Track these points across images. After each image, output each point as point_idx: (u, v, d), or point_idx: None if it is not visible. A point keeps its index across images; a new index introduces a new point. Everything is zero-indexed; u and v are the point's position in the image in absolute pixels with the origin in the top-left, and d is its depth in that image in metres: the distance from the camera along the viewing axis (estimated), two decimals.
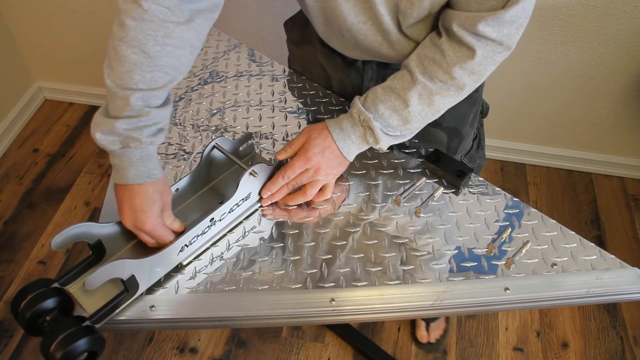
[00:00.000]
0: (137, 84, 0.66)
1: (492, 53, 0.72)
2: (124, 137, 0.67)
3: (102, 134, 0.67)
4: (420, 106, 0.76)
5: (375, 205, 0.81)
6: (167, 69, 0.68)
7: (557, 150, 1.83)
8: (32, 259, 1.60)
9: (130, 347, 1.43)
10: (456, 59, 0.72)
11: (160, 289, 0.71)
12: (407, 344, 1.45)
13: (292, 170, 0.78)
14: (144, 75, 0.66)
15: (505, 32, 0.69)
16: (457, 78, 0.73)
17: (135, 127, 0.67)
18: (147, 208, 0.68)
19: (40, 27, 1.83)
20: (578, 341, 1.46)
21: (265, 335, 1.45)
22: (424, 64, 0.74)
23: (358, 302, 0.71)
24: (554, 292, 0.71)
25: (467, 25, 0.69)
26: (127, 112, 0.66)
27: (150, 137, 0.68)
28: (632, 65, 1.52)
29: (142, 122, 0.67)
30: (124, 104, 0.66)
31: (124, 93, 0.66)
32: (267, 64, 1.07)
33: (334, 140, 0.78)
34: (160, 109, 0.69)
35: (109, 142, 0.68)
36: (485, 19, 0.67)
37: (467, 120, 0.98)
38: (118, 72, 0.66)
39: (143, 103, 0.67)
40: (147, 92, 0.67)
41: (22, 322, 0.62)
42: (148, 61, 0.66)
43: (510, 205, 0.82)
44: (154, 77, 0.67)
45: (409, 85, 0.75)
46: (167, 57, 0.67)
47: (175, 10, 0.66)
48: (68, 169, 1.86)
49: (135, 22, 0.65)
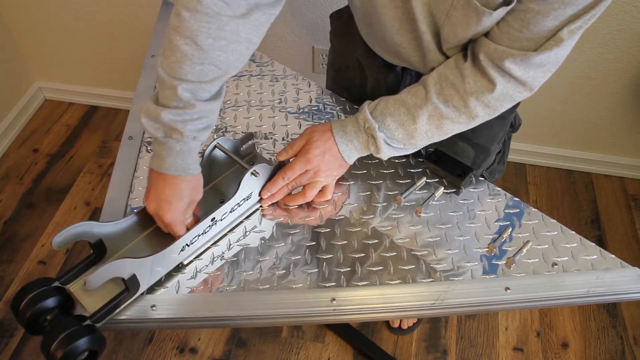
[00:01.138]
0: (186, 75, 0.65)
1: (512, 91, 0.70)
2: (167, 127, 0.67)
3: (148, 120, 0.67)
4: (428, 126, 0.74)
5: (376, 205, 0.81)
6: (219, 63, 0.67)
7: (557, 150, 1.83)
8: (32, 259, 1.60)
9: (130, 347, 1.43)
10: (475, 89, 0.71)
11: (161, 289, 0.71)
12: (407, 344, 1.45)
13: (292, 171, 0.78)
14: (194, 67, 0.65)
15: (531, 74, 0.68)
16: (471, 108, 0.72)
17: (180, 119, 0.66)
18: (173, 201, 0.69)
19: (40, 27, 1.83)
20: (578, 341, 1.46)
21: (265, 335, 1.45)
22: (442, 85, 0.73)
23: (359, 302, 0.71)
24: (555, 292, 0.71)
25: (495, 58, 0.67)
26: (174, 102, 0.66)
27: (194, 132, 0.68)
28: (632, 65, 1.52)
29: (187, 115, 0.66)
30: (171, 93, 0.66)
31: (172, 82, 0.65)
32: (267, 64, 1.07)
33: (336, 143, 0.78)
34: (207, 103, 0.68)
35: (154, 128, 0.67)
36: (514, 57, 0.66)
37: (497, 139, 0.96)
38: (169, 62, 0.66)
39: (190, 95, 0.66)
40: (195, 84, 0.66)
41: (23, 321, 0.62)
42: (199, 53, 0.65)
43: (511, 205, 0.82)
44: (203, 70, 0.66)
45: (422, 103, 0.74)
46: (220, 51, 0.66)
47: (231, 4, 0.64)
48: (68, 169, 1.86)
49: (189, 12, 0.63)
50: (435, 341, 1.46)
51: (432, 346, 1.44)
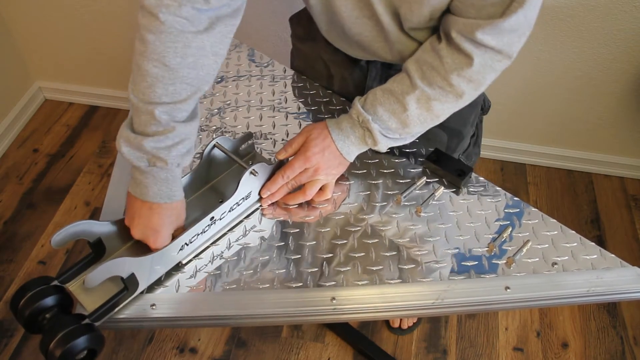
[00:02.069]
0: (160, 97, 0.65)
1: (491, 61, 0.71)
2: (151, 156, 0.66)
3: (129, 149, 0.66)
4: (419, 111, 0.75)
5: (375, 205, 0.81)
6: (190, 80, 0.67)
7: (557, 150, 1.83)
8: (32, 259, 1.60)
9: (130, 347, 1.43)
10: (454, 66, 0.71)
11: (161, 288, 0.71)
12: (407, 344, 1.45)
13: (292, 170, 0.78)
14: (167, 88, 0.65)
15: (505, 41, 0.68)
16: (455, 85, 0.73)
17: (163, 145, 0.66)
18: (161, 229, 0.68)
19: (40, 27, 1.83)
20: (578, 341, 1.46)
21: (265, 335, 1.45)
22: (423, 69, 0.74)
23: (359, 301, 0.70)
24: (555, 291, 0.71)
25: (466, 32, 0.68)
26: (154, 126, 0.65)
27: (178, 157, 0.67)
28: (632, 65, 1.52)
29: (169, 140, 0.66)
30: (149, 118, 0.65)
31: (147, 107, 0.65)
32: (267, 64, 1.07)
33: (334, 140, 0.78)
34: (186, 124, 0.67)
35: (136, 157, 0.66)
36: (483, 27, 0.66)
37: (468, 122, 0.98)
38: (141, 87, 0.65)
39: (168, 117, 0.66)
40: (171, 105, 0.66)
41: (22, 319, 0.62)
42: (169, 73, 0.65)
43: (511, 205, 0.82)
44: (176, 89, 0.66)
45: (408, 89, 0.75)
46: (189, 68, 0.66)
47: (193, 20, 0.65)
48: (68, 169, 1.86)
49: (154, 35, 0.64)
50: (435, 341, 1.45)
51: (432, 346, 1.44)
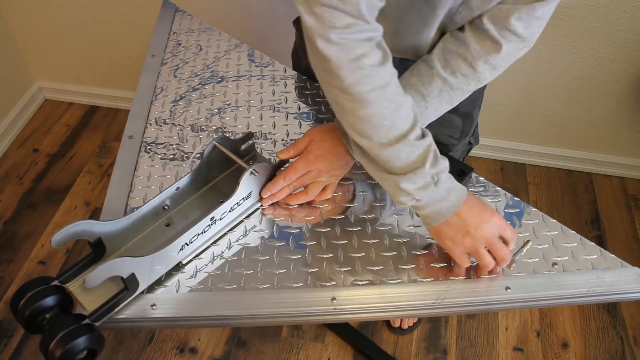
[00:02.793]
0: (404, 123, 0.65)
1: (516, 49, 0.72)
2: (431, 177, 0.66)
3: (420, 191, 0.66)
4: (439, 103, 0.75)
5: (376, 205, 0.81)
6: (401, 100, 0.66)
7: (557, 150, 1.83)
8: (32, 259, 1.60)
9: (130, 347, 1.43)
10: (481, 53, 0.72)
11: (161, 288, 0.71)
12: (407, 344, 1.45)
13: (295, 172, 0.78)
14: (399, 116, 0.65)
15: (532, 31, 0.70)
16: (479, 72, 0.73)
17: (431, 159, 0.66)
18: (493, 212, 0.69)
19: (40, 27, 1.83)
20: (578, 341, 1.46)
21: (265, 335, 1.45)
22: (446, 58, 0.74)
23: (359, 301, 0.70)
24: (555, 291, 0.71)
25: (500, 18, 0.68)
26: (429, 155, 0.66)
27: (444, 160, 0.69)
28: (632, 65, 1.52)
29: (430, 154, 0.66)
30: (424, 151, 0.66)
31: (406, 143, 0.65)
32: (267, 64, 1.07)
33: (342, 143, 0.77)
34: (426, 139, 0.68)
35: (423, 187, 0.66)
36: (520, 11, 0.67)
37: (476, 104, 0.98)
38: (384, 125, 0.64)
39: (414, 137, 0.66)
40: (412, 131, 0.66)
41: (22, 319, 0.62)
42: (393, 106, 0.65)
43: (511, 205, 0.82)
44: (406, 114, 0.66)
45: (429, 80, 0.74)
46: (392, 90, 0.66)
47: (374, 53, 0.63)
48: (68, 169, 1.86)
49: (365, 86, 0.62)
50: (435, 341, 1.46)
51: (432, 346, 1.44)
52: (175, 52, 1.09)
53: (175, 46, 1.11)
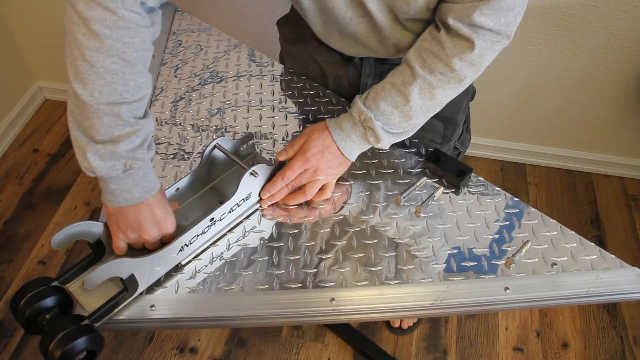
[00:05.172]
0: (121, 94, 0.62)
1: (491, 43, 0.72)
2: (126, 159, 0.63)
3: (101, 162, 0.62)
4: (422, 100, 0.76)
5: (375, 205, 0.81)
6: (145, 75, 0.65)
7: (557, 150, 1.83)
8: (32, 259, 1.60)
9: (130, 347, 1.43)
10: (455, 51, 0.72)
11: (160, 289, 0.71)
12: (407, 344, 1.45)
13: (292, 171, 0.78)
14: (127, 84, 0.62)
15: (503, 22, 0.69)
16: (457, 70, 0.73)
17: (136, 145, 0.64)
18: (168, 210, 0.69)
19: (40, 27, 1.83)
20: (578, 341, 1.46)
21: (265, 335, 1.45)
22: (423, 57, 0.75)
23: (358, 302, 0.71)
24: (554, 292, 0.71)
25: (463, 17, 0.69)
26: (121, 127, 0.62)
27: (150, 152, 0.67)
28: (632, 65, 1.52)
29: (139, 138, 0.64)
30: (114, 119, 0.62)
31: (111, 109, 0.61)
32: (267, 64, 1.07)
33: (334, 140, 0.78)
34: (145, 120, 0.66)
35: (109, 168, 0.63)
36: (480, 8, 0.67)
37: (460, 109, 0.99)
38: (96, 85, 0.61)
39: (132, 115, 0.63)
40: (134, 104, 0.64)
41: (22, 320, 0.62)
42: (129, 69, 0.62)
43: (511, 205, 0.82)
44: (136, 85, 0.63)
45: (409, 79, 0.75)
46: (143, 64, 0.64)
47: (144, 15, 0.63)
48: (68, 169, 1.86)
49: (110, 30, 0.60)
50: (435, 341, 1.46)
51: (432, 346, 1.44)
52: (175, 52, 1.09)
53: (175, 46, 1.11)
